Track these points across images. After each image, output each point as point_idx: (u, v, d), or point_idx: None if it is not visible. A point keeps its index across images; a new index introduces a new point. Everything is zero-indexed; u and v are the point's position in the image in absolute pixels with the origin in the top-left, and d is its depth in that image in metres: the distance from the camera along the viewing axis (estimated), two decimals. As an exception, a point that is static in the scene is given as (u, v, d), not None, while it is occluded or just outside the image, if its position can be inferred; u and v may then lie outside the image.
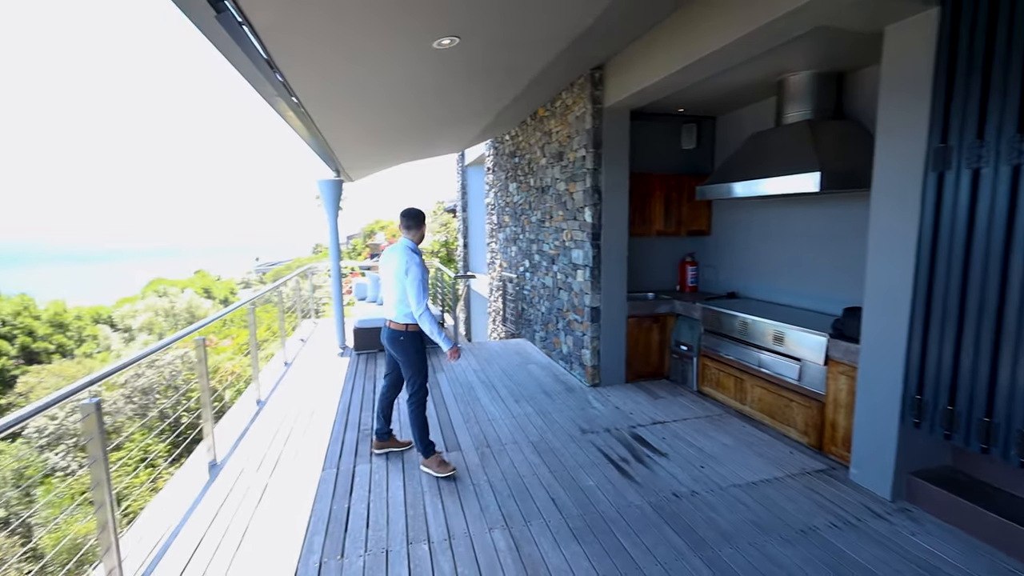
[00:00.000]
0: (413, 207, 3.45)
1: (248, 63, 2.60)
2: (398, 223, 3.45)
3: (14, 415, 1.95)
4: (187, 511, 2.94)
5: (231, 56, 2.50)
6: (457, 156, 12.78)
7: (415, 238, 3.40)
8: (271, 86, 2.97)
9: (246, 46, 2.39)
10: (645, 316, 5.14)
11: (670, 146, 5.62)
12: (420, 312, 3.22)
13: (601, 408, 4.48)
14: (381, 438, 3.69)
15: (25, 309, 19.97)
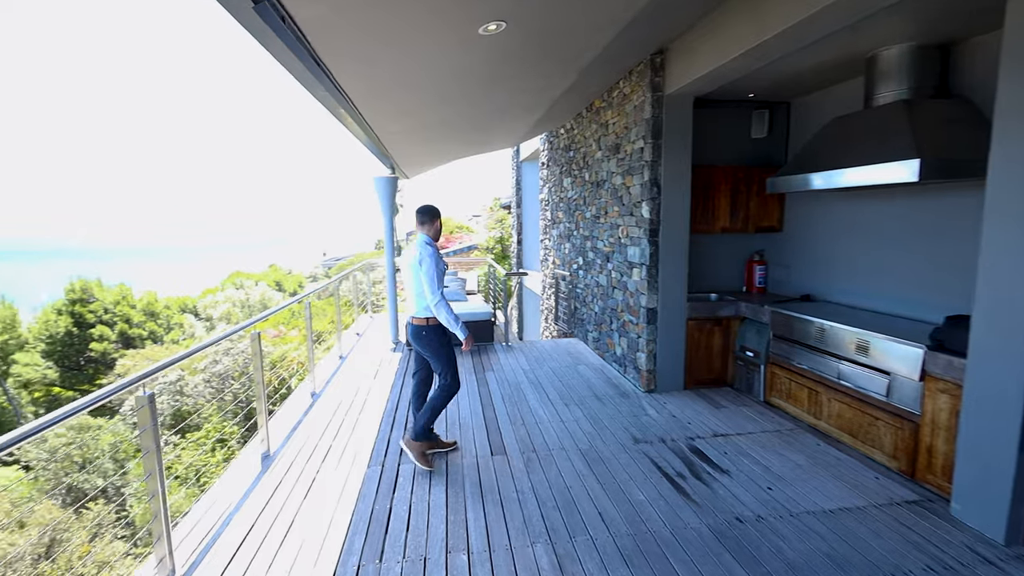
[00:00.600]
0: (427, 204, 3.48)
1: (295, 60, 2.59)
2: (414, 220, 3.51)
3: (71, 406, 2.03)
4: (239, 501, 3.01)
5: (278, 53, 2.50)
6: (512, 151, 12.69)
7: (431, 233, 3.42)
8: (320, 84, 2.97)
9: (289, 40, 2.37)
10: (707, 319, 4.79)
11: (738, 135, 5.19)
12: (435, 301, 3.23)
13: (656, 416, 4.21)
14: (426, 437, 3.64)
15: (124, 299, 22.09)
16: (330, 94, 3.19)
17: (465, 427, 4.05)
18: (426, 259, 3.24)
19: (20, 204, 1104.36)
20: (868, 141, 3.38)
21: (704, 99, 4.72)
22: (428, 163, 7.71)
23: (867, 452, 3.45)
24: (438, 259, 3.29)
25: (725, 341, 4.87)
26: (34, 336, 20.79)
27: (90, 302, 21.14)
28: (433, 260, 3.25)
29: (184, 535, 2.67)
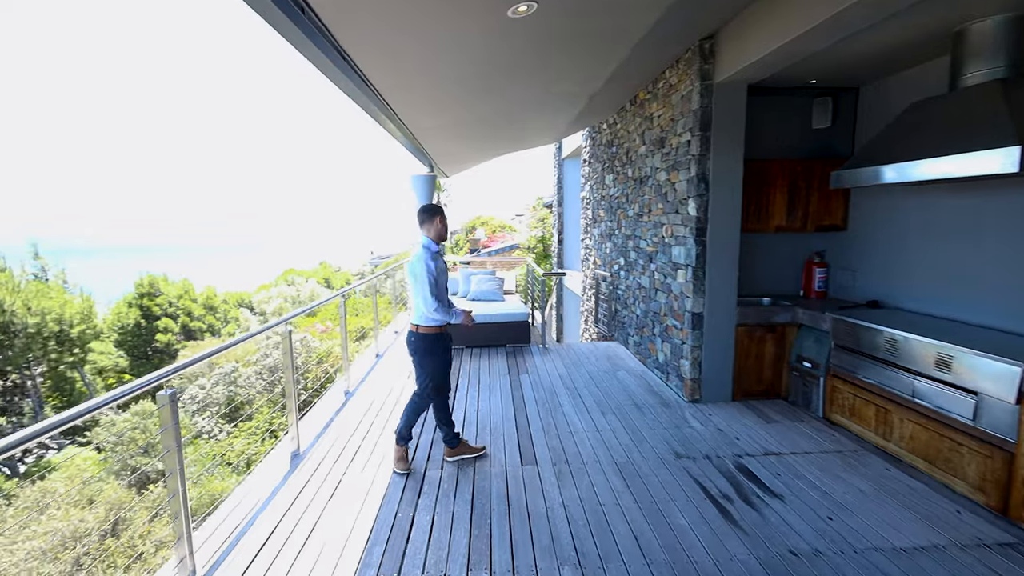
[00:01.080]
0: (428, 203, 3.38)
1: (319, 53, 2.52)
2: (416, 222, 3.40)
3: (87, 404, 2.02)
4: (265, 500, 2.99)
5: (299, 45, 2.43)
6: (554, 148, 12.46)
7: (431, 233, 3.30)
8: (348, 79, 2.90)
9: (308, 29, 2.29)
10: (759, 325, 4.42)
11: (797, 126, 4.76)
12: (434, 308, 3.18)
13: (700, 428, 3.90)
14: (451, 444, 3.53)
15: (186, 293, 23.47)
16: (359, 89, 3.12)
17: (496, 433, 3.90)
18: (420, 270, 3.17)
19: (63, 202, 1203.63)
20: (954, 127, 2.96)
21: (758, 87, 4.36)
22: (467, 160, 7.63)
23: (946, 481, 3.04)
24: (434, 267, 3.17)
25: (779, 350, 4.48)
26: (108, 326, 22.42)
27: (156, 296, 22.58)
28: (428, 271, 3.16)
29: (208, 534, 2.66)
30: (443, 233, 3.30)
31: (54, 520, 10.10)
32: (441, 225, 3.31)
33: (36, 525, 10.02)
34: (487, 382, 5.11)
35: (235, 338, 3.06)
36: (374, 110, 3.76)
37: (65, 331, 18.58)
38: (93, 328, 21.44)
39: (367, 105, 3.54)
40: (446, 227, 3.34)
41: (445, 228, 3.32)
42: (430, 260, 3.17)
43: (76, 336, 19.02)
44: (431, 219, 3.28)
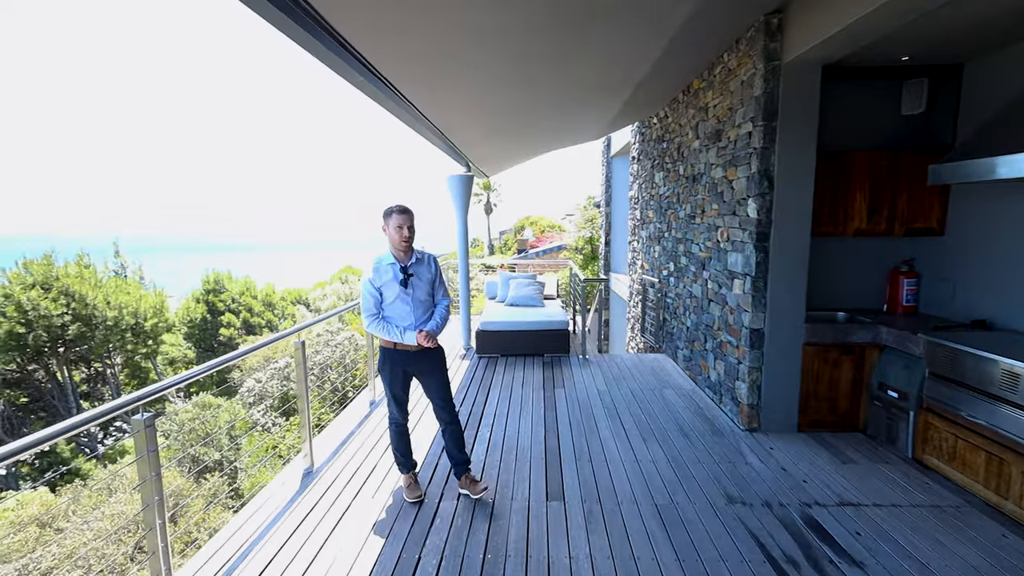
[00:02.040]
0: (388, 206, 2.94)
1: (319, 44, 2.26)
2: None
3: (69, 421, 1.84)
4: (266, 527, 2.78)
5: (300, 40, 2.18)
6: (603, 146, 11.92)
7: (388, 240, 2.91)
8: (349, 68, 2.63)
9: (303, 22, 2.02)
10: (832, 345, 3.79)
11: (882, 112, 4.08)
12: (365, 327, 2.94)
13: (759, 466, 3.36)
14: (455, 474, 3.16)
15: (247, 290, 24.70)
16: (365, 79, 2.84)
17: (523, 458, 3.53)
18: (362, 279, 2.96)
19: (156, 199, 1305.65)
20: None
21: (833, 67, 3.73)
22: (505, 160, 7.29)
23: (1089, 559, 2.37)
24: (369, 278, 2.88)
25: (857, 374, 3.84)
26: (179, 320, 23.97)
27: (221, 292, 23.88)
28: (362, 282, 2.95)
29: (200, 565, 2.46)
30: (395, 240, 2.83)
31: (119, 504, 10.70)
32: (386, 233, 2.85)
33: (105, 507, 10.64)
34: (519, 397, 4.75)
35: (235, 352, 2.87)
36: (392, 105, 3.50)
37: (140, 324, 19.96)
38: (165, 321, 22.95)
39: (375, 94, 3.26)
40: (398, 236, 2.80)
41: (397, 236, 2.81)
42: (367, 274, 2.90)
43: (149, 329, 20.39)
44: (385, 222, 2.87)
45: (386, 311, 2.90)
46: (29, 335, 16.37)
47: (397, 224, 2.83)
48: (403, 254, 2.89)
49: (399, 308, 2.89)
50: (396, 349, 2.93)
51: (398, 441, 3.10)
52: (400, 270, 2.86)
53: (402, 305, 2.89)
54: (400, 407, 3.05)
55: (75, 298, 17.06)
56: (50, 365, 18.22)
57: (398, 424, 3.09)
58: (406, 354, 2.93)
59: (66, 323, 16.84)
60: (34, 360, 17.61)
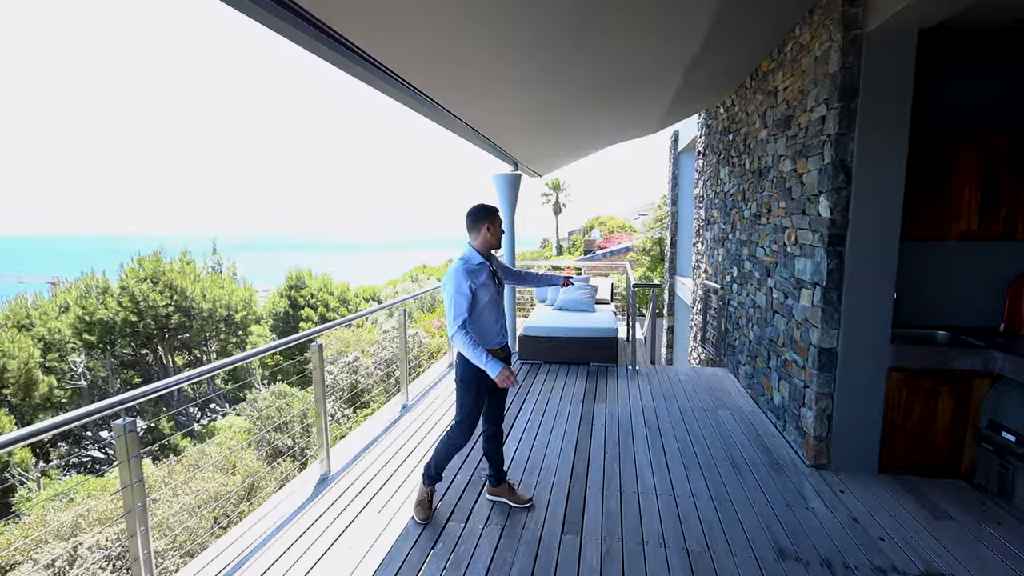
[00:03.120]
0: (479, 204, 2.74)
1: (308, 39, 2.12)
2: None
3: (47, 422, 1.84)
4: (269, 534, 2.72)
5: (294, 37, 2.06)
6: (670, 142, 11.21)
7: (477, 242, 2.72)
8: (344, 58, 2.48)
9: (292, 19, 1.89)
10: (928, 371, 3.13)
11: (999, 87, 3.32)
12: (451, 333, 2.58)
13: (824, 513, 2.82)
14: (492, 483, 3.00)
15: (325, 286, 26.25)
16: (364, 68, 2.68)
17: (544, 481, 3.24)
18: (447, 286, 2.59)
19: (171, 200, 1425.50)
20: None
21: (934, 32, 3.07)
22: (554, 157, 6.97)
23: None
24: (464, 279, 2.57)
25: (959, 408, 3.13)
26: (265, 313, 25.98)
27: (302, 288, 25.55)
28: (452, 286, 2.57)
29: (198, 565, 2.43)
30: (492, 241, 2.73)
31: (202, 481, 11.64)
32: (490, 234, 2.71)
33: (192, 483, 11.63)
34: (555, 410, 4.44)
35: (231, 358, 2.84)
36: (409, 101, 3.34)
37: (232, 316, 21.84)
38: (254, 314, 24.96)
39: (381, 85, 3.11)
40: (498, 235, 2.74)
41: (497, 236, 2.74)
42: (460, 275, 2.58)
43: (240, 320, 22.25)
44: (477, 226, 2.70)
45: (475, 316, 2.63)
46: (140, 323, 18.43)
47: (500, 224, 2.75)
48: (489, 253, 2.76)
49: (488, 314, 2.69)
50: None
51: (448, 455, 2.84)
52: (490, 269, 2.71)
53: (493, 310, 2.71)
54: (475, 423, 2.80)
55: (177, 291, 18.96)
56: (158, 350, 20.45)
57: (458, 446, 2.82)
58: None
59: (169, 313, 18.77)
60: (145, 346, 19.83)
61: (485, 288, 2.64)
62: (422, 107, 3.70)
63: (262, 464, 14.11)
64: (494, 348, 2.70)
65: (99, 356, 18.83)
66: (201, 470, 12.97)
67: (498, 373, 2.51)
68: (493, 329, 2.71)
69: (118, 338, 18.49)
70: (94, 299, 18.33)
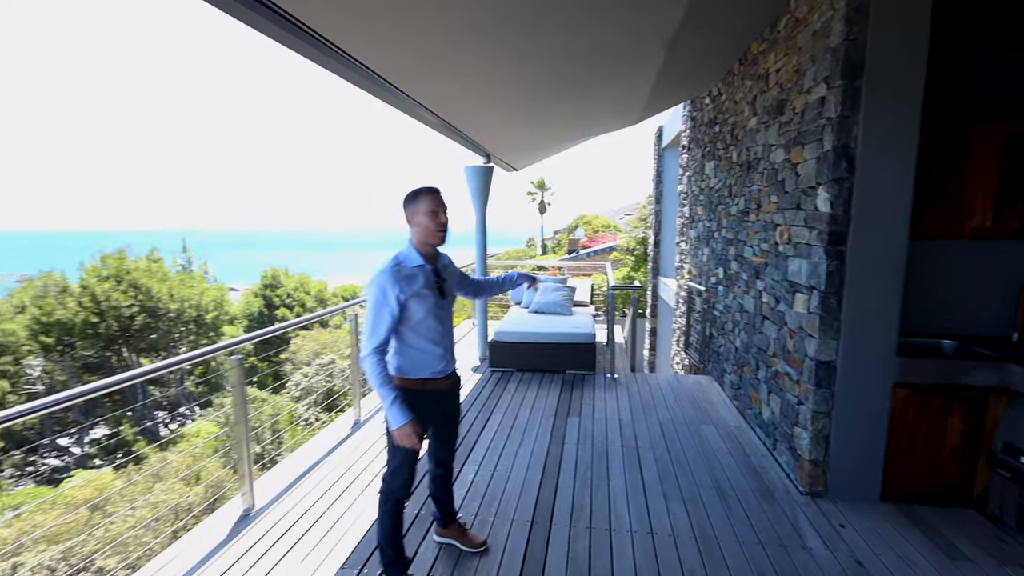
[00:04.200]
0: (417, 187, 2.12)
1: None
2: None
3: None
4: (163, 592, 2.23)
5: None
6: (654, 138, 10.87)
7: (415, 238, 2.09)
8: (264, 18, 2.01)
9: None
10: (936, 387, 2.76)
11: (1015, 65, 2.98)
12: (362, 356, 2.00)
13: (823, 555, 2.43)
14: (439, 524, 2.54)
15: (301, 286, 25.49)
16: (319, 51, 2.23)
17: (504, 514, 2.79)
18: (368, 289, 2.02)
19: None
20: None
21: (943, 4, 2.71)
22: (532, 150, 6.53)
23: None
24: (390, 286, 1.97)
25: (972, 429, 2.77)
26: (239, 313, 25.10)
27: (277, 287, 24.76)
28: (374, 291, 1.99)
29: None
30: (431, 236, 2.06)
31: (161, 493, 10.94)
32: (424, 226, 2.04)
33: (150, 495, 10.91)
34: (523, 426, 4.01)
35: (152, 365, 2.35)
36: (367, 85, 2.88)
37: (202, 316, 20.98)
38: (226, 314, 24.08)
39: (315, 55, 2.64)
40: (437, 225, 2.05)
41: (435, 227, 2.05)
42: (385, 280, 1.98)
43: (210, 321, 21.40)
44: (408, 216, 2.08)
45: (407, 336, 2.06)
46: (102, 324, 17.53)
47: (430, 208, 2.04)
48: (433, 252, 2.15)
49: (429, 330, 2.09)
50: (425, 390, 2.12)
51: (396, 528, 2.19)
52: (433, 273, 2.11)
53: (432, 328, 2.10)
54: (414, 471, 2.16)
55: (142, 291, 18.10)
56: (122, 352, 19.53)
57: (400, 500, 2.17)
58: (437, 396, 2.17)
59: (133, 314, 17.90)
60: (108, 348, 18.90)
61: (420, 299, 2.04)
62: (387, 94, 3.25)
63: (228, 473, 13.42)
64: (433, 378, 2.14)
65: (58, 359, 17.89)
66: (162, 480, 12.22)
67: (399, 427, 1.94)
68: (432, 354, 2.12)
69: (78, 340, 17.58)
70: (52, 299, 17.39)
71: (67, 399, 2.02)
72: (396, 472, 2.14)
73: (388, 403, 1.96)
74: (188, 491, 11.45)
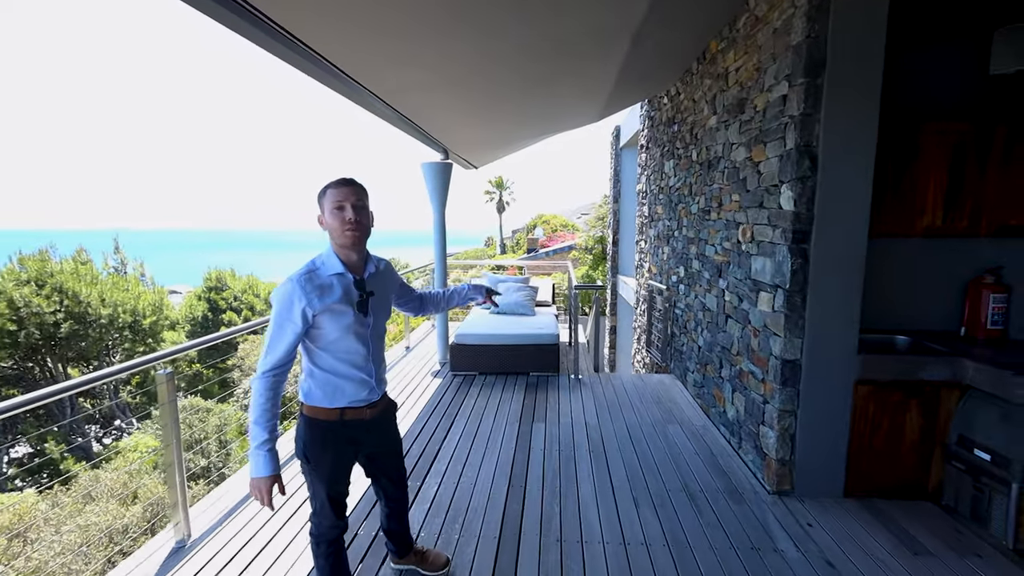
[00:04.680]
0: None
1: None
2: None
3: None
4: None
5: None
6: (612, 137, 10.94)
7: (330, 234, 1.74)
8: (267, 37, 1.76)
9: None
10: (895, 383, 2.81)
11: (961, 72, 3.08)
12: (254, 378, 1.70)
13: (794, 556, 2.40)
14: (395, 556, 2.33)
15: (250, 288, 24.23)
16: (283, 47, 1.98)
17: (469, 530, 2.63)
18: (272, 301, 1.69)
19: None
20: None
21: (894, 12, 2.76)
22: (492, 147, 6.38)
23: None
24: (297, 298, 1.65)
25: (927, 423, 2.84)
26: (181, 318, 23.60)
27: (223, 290, 23.45)
28: (278, 303, 1.67)
29: None
30: (347, 236, 1.70)
31: (93, 515, 10.04)
32: (334, 217, 1.69)
33: (79, 517, 9.97)
34: (487, 433, 3.84)
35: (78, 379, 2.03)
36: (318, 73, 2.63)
37: (138, 322, 19.56)
38: (166, 319, 22.60)
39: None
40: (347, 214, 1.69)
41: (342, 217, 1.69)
42: (291, 290, 1.66)
43: (148, 327, 19.98)
44: (320, 206, 1.75)
45: (320, 357, 1.74)
46: (21, 332, 16.00)
47: (334, 202, 1.69)
48: (355, 257, 1.78)
49: (347, 352, 1.75)
50: (343, 420, 1.79)
51: (336, 571, 1.93)
52: (355, 285, 1.77)
53: (354, 345, 1.75)
54: (341, 510, 1.89)
55: (68, 295, 16.65)
56: (46, 363, 17.91)
57: (334, 540, 1.90)
58: (358, 425, 1.82)
59: (58, 321, 16.44)
60: (29, 358, 17.29)
61: (334, 315, 1.69)
62: (341, 86, 3.00)
63: (168, 491, 12.48)
64: (353, 406, 1.80)
65: (-31, 372, 16.18)
66: (94, 500, 11.27)
67: (255, 478, 1.63)
68: (353, 378, 1.77)
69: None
70: (-39, 306, 15.70)
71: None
72: (319, 514, 1.87)
73: (255, 445, 1.64)
74: (125, 512, 10.58)
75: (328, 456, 1.81)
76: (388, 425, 2.01)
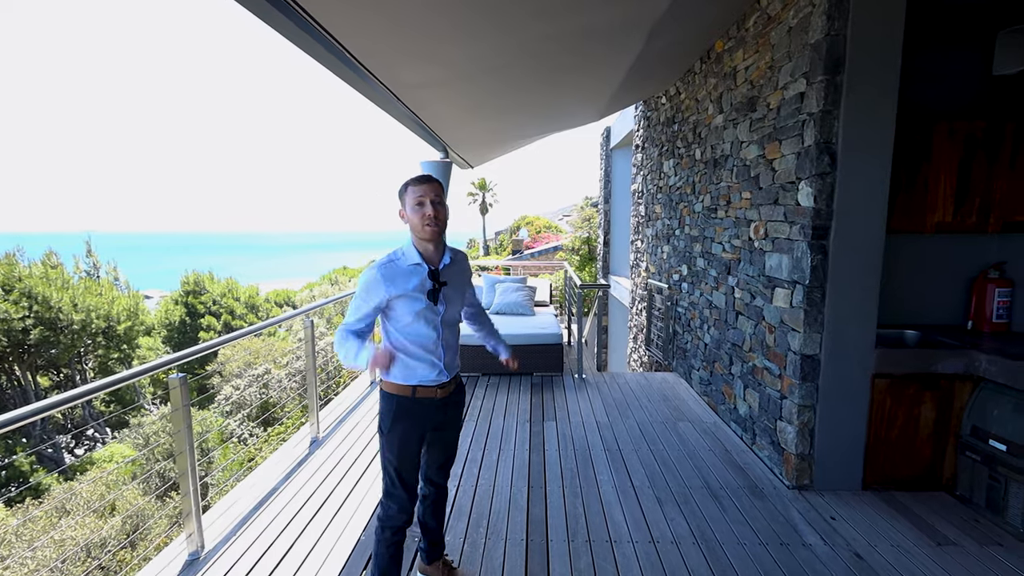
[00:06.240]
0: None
1: None
2: None
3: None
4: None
5: None
6: (601, 139, 11.00)
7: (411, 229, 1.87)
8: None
9: None
10: (911, 376, 2.85)
11: (966, 71, 3.16)
12: (340, 344, 1.86)
13: (823, 550, 2.41)
14: (424, 558, 2.26)
15: (230, 291, 23.64)
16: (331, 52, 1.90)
17: (495, 534, 2.57)
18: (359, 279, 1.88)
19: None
20: None
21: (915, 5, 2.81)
22: (487, 144, 6.34)
23: None
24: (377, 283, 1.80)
25: (940, 415, 2.90)
26: (157, 323, 22.88)
27: (202, 294, 22.82)
28: (360, 286, 1.85)
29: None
30: (424, 229, 1.80)
31: (70, 529, 9.63)
32: (414, 212, 1.80)
33: (54, 532, 9.55)
34: (499, 434, 3.79)
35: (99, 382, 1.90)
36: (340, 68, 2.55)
37: (112, 327, 18.89)
38: (142, 324, 21.89)
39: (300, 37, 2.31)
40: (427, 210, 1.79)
41: (423, 213, 1.79)
42: (372, 276, 1.80)
43: (123, 332, 19.32)
44: (401, 203, 1.87)
45: (396, 337, 1.86)
46: (-13, 339, 15.29)
47: (415, 198, 1.81)
48: (432, 248, 1.87)
49: (418, 335, 1.85)
50: (416, 398, 1.88)
51: (393, 561, 1.94)
52: (430, 275, 1.85)
53: (425, 330, 1.85)
54: (410, 491, 1.93)
55: (38, 300, 15.97)
56: (14, 371, 17.15)
57: (399, 528, 1.92)
58: (430, 405, 1.91)
59: (28, 327, 15.75)
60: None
61: (408, 300, 1.81)
62: (346, 69, 2.91)
63: (149, 502, 12.09)
64: (424, 385, 1.89)
65: (-69, 381, 15.39)
66: (69, 514, 10.86)
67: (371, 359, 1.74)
68: (424, 360, 1.87)
69: (-43, 359, 15.22)
70: (-79, 312, 14.94)
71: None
72: (389, 494, 1.93)
73: (355, 353, 1.79)
74: (102, 525, 10.19)
75: (399, 427, 1.89)
76: (454, 408, 2.07)
